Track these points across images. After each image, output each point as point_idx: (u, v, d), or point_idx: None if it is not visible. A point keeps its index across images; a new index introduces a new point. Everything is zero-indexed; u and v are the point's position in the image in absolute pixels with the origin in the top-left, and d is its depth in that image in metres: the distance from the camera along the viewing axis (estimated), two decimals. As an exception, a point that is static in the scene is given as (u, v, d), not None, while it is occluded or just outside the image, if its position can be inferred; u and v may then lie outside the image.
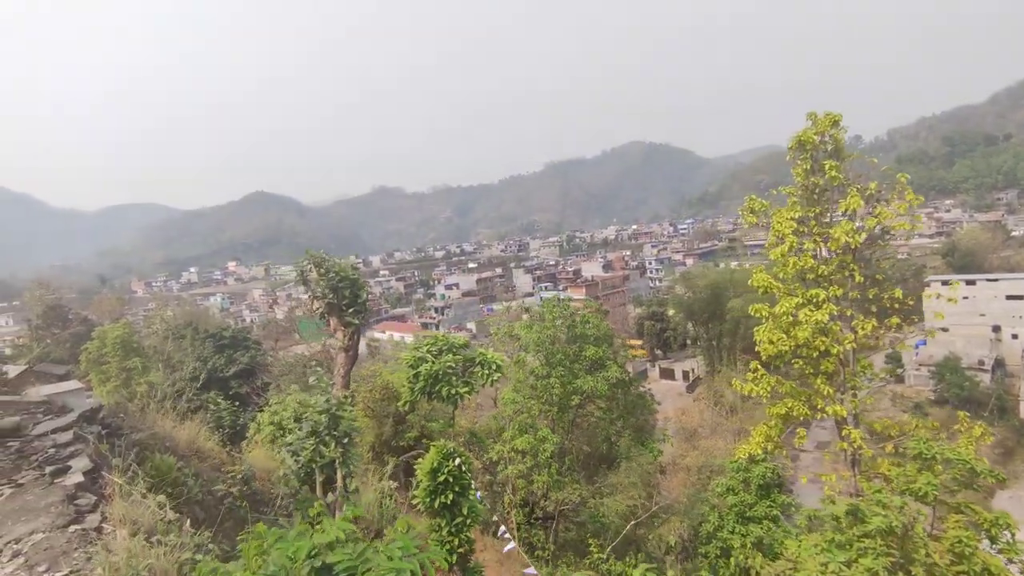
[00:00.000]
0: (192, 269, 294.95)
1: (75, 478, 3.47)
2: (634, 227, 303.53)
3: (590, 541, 13.50)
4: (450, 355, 7.06)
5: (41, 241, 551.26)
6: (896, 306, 11.21)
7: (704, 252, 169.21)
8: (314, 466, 4.95)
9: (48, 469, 3.66)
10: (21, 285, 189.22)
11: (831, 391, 10.88)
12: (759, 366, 13.23)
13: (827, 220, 11.07)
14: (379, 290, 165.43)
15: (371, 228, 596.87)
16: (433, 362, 7.08)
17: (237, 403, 40.19)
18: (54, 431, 4.58)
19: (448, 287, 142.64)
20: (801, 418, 11.64)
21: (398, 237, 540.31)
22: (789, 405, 11.74)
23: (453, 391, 6.93)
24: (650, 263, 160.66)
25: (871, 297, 11.12)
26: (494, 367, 7.16)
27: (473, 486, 6.84)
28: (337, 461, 5.21)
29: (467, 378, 7.23)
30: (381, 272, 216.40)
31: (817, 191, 11.15)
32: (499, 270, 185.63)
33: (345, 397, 6.06)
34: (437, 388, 6.97)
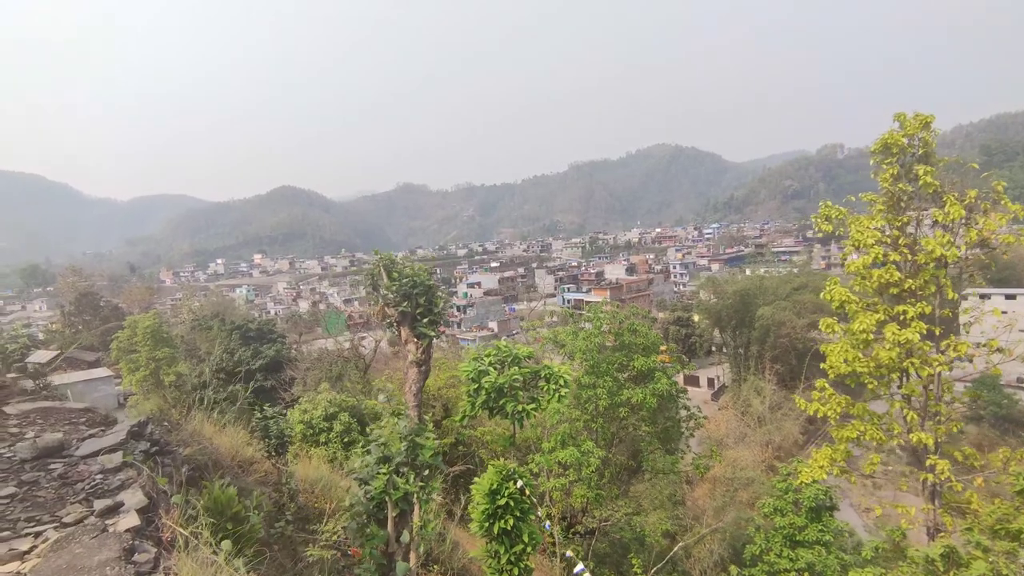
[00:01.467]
0: (219, 260, 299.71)
1: (129, 520, 2.95)
2: (658, 230, 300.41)
3: (633, 561, 12.81)
4: (515, 368, 6.38)
5: (76, 229, 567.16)
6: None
7: (730, 258, 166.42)
8: (386, 499, 4.40)
9: (97, 506, 3.15)
10: (56, 271, 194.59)
11: (914, 416, 10.03)
12: (826, 384, 12.37)
13: (911, 230, 10.22)
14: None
15: (395, 224, 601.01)
16: (497, 375, 6.44)
17: (262, 397, 40.33)
18: (102, 451, 4.08)
19: (470, 285, 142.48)
20: (874, 443, 10.80)
21: (421, 234, 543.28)
22: (861, 428, 10.90)
23: (519, 408, 6.26)
24: (674, 267, 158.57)
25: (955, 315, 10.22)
26: (561, 382, 6.47)
27: (538, 512, 6.21)
28: (416, 495, 4.63)
29: (533, 393, 6.54)
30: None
31: (905, 199, 10.29)
32: (521, 270, 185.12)
33: (420, 419, 5.48)
34: (501, 403, 6.31)
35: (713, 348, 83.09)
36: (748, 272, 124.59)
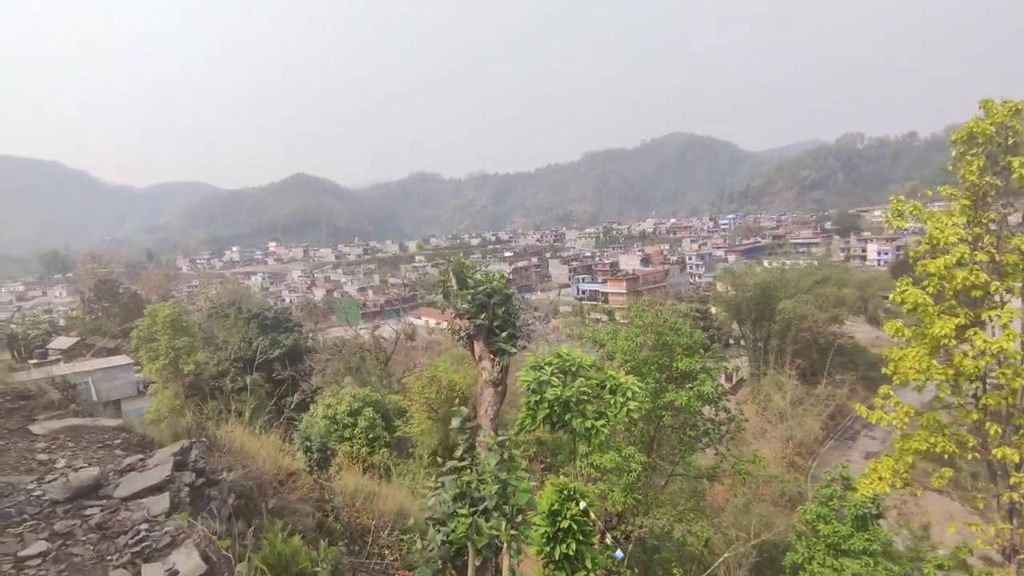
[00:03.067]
0: (234, 248, 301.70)
1: (186, 596, 2.41)
2: (673, 221, 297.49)
3: (675, 571, 12.26)
4: (581, 379, 5.74)
5: (94, 216, 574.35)
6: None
7: (747, 249, 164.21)
8: (468, 545, 3.85)
9: (147, 573, 2.61)
10: (75, 257, 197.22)
11: (997, 429, 9.29)
12: (890, 392, 11.62)
13: (995, 228, 9.42)
14: (415, 275, 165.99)
15: (408, 213, 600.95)
16: (561, 386, 5.81)
17: (281, 387, 40.16)
18: (145, 491, 3.55)
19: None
20: (946, 455, 10.08)
21: (434, 223, 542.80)
22: (931, 440, 10.16)
23: (588, 424, 5.63)
24: (690, 258, 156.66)
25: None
26: (629, 394, 5.81)
27: (605, 536, 5.60)
28: (506, 544, 4.05)
29: (599, 407, 5.92)
30: (417, 258, 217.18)
31: (993, 193, 9.49)
32: (535, 259, 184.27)
33: (505, 450, 4.90)
34: (567, 419, 5.69)
35: (731, 341, 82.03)
36: (766, 264, 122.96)
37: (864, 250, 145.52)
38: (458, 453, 4.83)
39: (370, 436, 17.71)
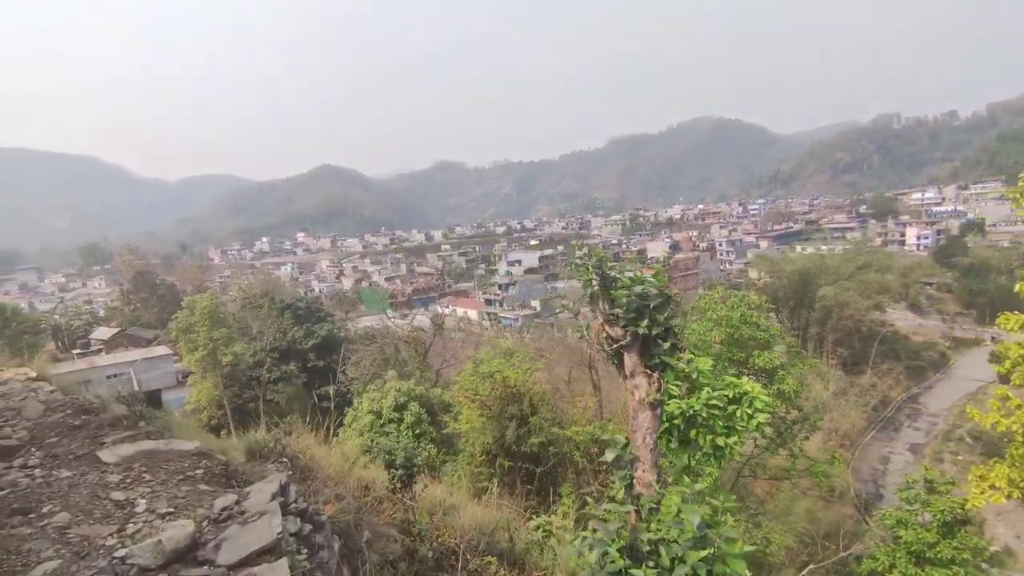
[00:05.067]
0: (264, 238, 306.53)
1: None
2: (700, 207, 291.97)
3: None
4: (707, 390, 4.90)
5: (130, 209, 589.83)
6: None
7: (779, 235, 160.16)
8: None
9: None
10: (112, 249, 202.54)
11: None
12: (1008, 393, 10.57)
13: None
14: (441, 264, 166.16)
15: (432, 202, 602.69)
16: (687, 399, 5.00)
17: (317, 377, 40.17)
18: (253, 556, 2.92)
19: (511, 264, 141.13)
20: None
21: (459, 211, 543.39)
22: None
23: (720, 442, 4.84)
24: (720, 244, 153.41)
25: None
26: (759, 405, 4.98)
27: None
28: None
29: (726, 421, 5.13)
30: (443, 247, 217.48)
31: None
32: (561, 247, 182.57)
33: (661, 481, 4.16)
34: (694, 435, 4.91)
35: (766, 329, 79.80)
36: (799, 250, 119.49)
37: (903, 234, 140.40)
38: (617, 494, 4.08)
39: (416, 432, 17.22)
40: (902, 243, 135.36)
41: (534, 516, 9.05)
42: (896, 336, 65.94)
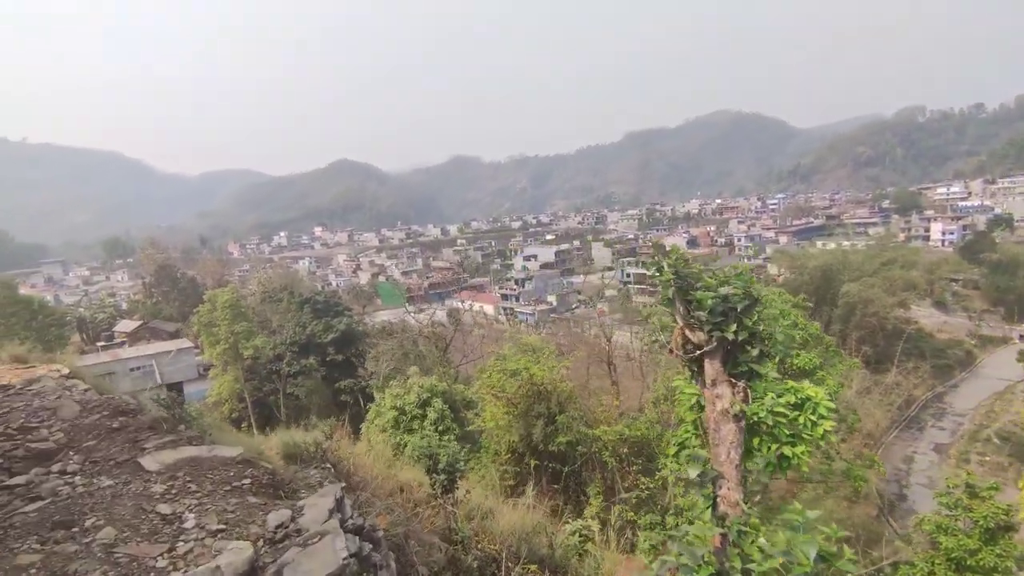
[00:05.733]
0: (282, 233, 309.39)
1: None
2: (718, 201, 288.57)
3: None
4: (772, 394, 4.48)
5: (151, 203, 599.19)
6: None
7: (799, 230, 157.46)
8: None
9: None
10: (134, 243, 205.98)
11: None
12: None
13: None
14: (460, 258, 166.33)
15: (448, 197, 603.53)
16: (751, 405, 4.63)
17: (337, 371, 40.34)
18: None
19: (527, 258, 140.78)
20: None
21: (475, 206, 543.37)
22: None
23: (787, 451, 4.45)
24: (739, 239, 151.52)
25: None
26: (823, 411, 4.55)
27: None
28: None
29: (792, 429, 4.72)
30: (459, 241, 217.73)
31: None
32: (577, 242, 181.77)
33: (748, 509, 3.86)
34: (756, 443, 4.54)
35: (786, 326, 78.71)
36: (820, 245, 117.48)
37: (927, 230, 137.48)
38: (703, 512, 3.80)
39: (439, 428, 17.10)
40: (926, 239, 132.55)
41: (567, 520, 8.83)
42: (921, 334, 64.66)
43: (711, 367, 4.19)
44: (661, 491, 14.02)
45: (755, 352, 4.17)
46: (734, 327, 4.04)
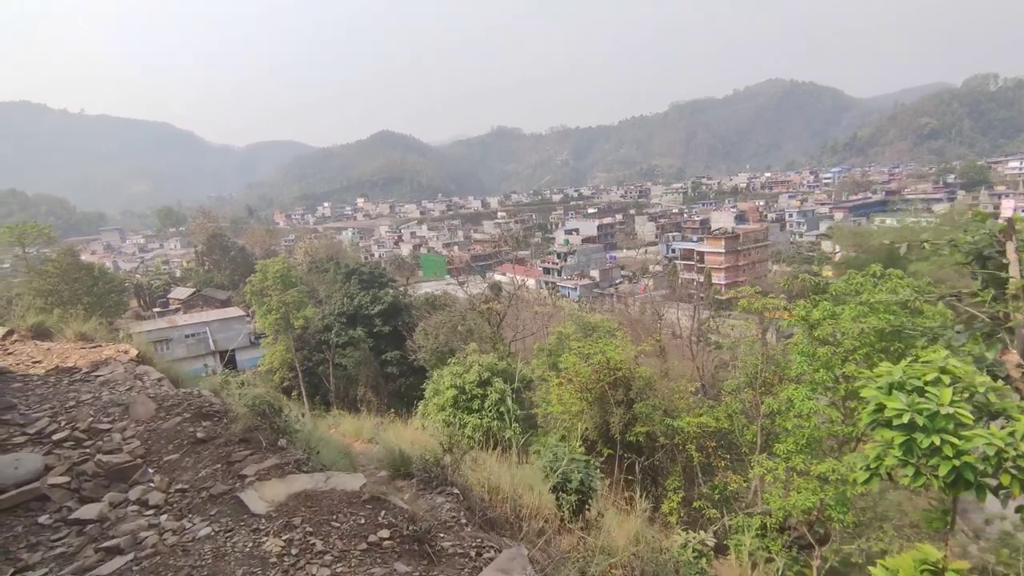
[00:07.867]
0: (325, 204, 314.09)
1: None
2: (768, 175, 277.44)
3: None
4: (1022, 421, 3.43)
5: (200, 174, 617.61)
6: None
7: (855, 205, 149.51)
8: None
9: None
10: (186, 213, 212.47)
11: None
12: None
13: None
14: (507, 229, 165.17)
15: (489, 169, 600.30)
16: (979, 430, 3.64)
17: (384, 342, 40.24)
18: None
19: (568, 232, 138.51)
20: None
21: (515, 178, 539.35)
22: None
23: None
24: (790, 215, 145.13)
25: None
26: None
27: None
28: None
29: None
30: (499, 214, 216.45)
31: None
32: (619, 216, 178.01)
33: None
34: (1006, 482, 3.59)
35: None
36: (879, 222, 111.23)
37: (997, 206, 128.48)
38: None
39: (500, 409, 16.25)
40: (996, 216, 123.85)
41: (680, 530, 7.84)
42: (996, 317, 60.76)
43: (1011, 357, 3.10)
44: (744, 491, 12.94)
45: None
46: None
